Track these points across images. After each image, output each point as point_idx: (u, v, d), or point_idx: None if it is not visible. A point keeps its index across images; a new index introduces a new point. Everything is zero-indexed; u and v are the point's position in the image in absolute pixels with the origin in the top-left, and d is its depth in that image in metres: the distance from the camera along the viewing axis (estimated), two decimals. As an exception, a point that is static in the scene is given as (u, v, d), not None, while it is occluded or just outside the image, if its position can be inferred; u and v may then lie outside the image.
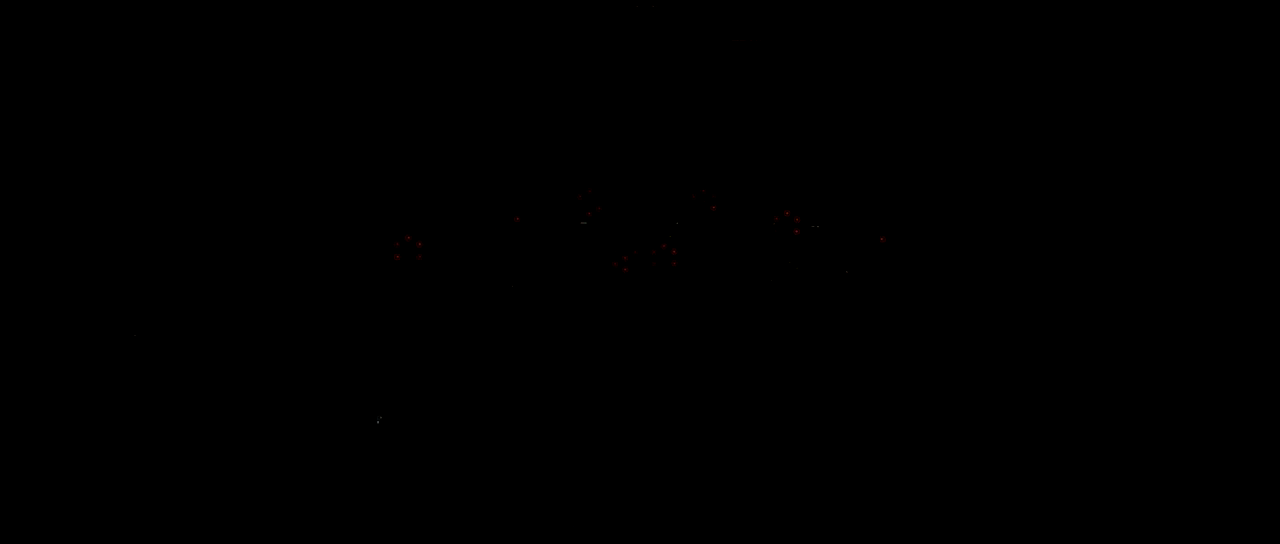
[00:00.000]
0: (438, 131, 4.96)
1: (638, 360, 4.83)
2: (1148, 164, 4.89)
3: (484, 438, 4.74)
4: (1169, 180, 4.88)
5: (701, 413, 4.79)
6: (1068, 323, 4.81)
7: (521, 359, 4.83)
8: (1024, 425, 4.73)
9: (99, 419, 4.66)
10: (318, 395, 4.74)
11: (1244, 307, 4.78)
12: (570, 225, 4.93)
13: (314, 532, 4.59)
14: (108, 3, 4.86)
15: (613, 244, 4.90)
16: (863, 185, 4.96)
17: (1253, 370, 4.73)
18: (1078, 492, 4.64)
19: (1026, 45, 4.94)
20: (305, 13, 4.92)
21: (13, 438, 4.61)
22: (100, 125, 4.85)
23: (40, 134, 4.83)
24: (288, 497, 4.62)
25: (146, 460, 4.63)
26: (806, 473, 4.71)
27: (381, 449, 4.70)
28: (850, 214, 4.94)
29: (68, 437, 4.63)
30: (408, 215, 4.89)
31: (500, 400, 4.79)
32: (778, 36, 4.99)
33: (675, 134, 4.99)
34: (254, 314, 4.78)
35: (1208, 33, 4.89)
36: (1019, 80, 4.94)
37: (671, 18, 4.97)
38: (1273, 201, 4.82)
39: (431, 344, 4.81)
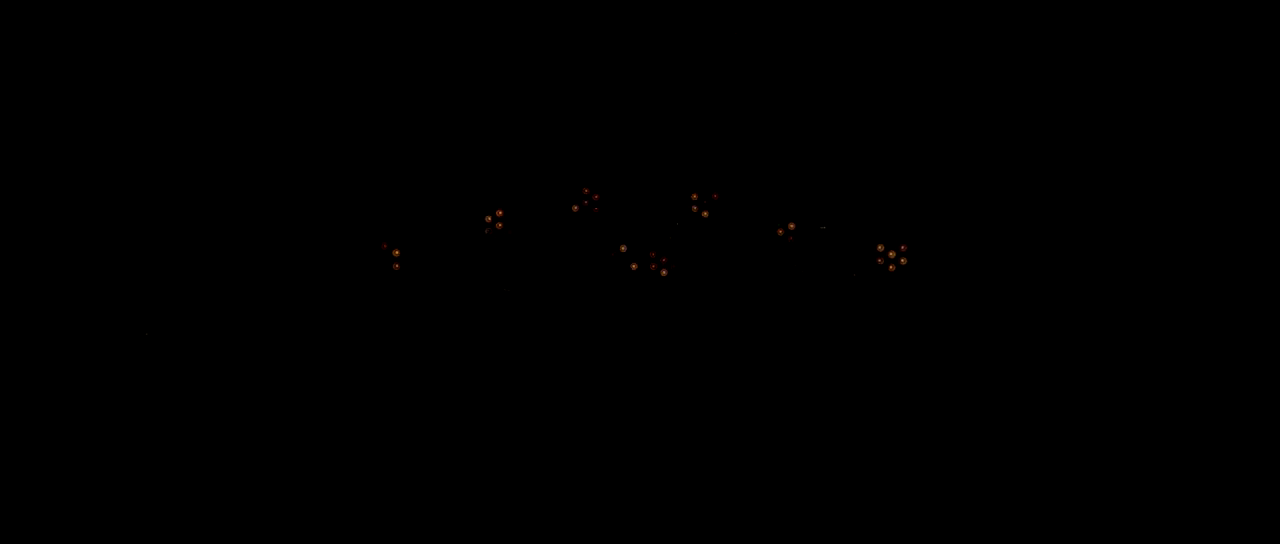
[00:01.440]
0: (435, 131, 4.96)
1: (636, 362, 4.83)
2: (1148, 164, 4.88)
3: (480, 440, 4.74)
4: (1170, 181, 4.87)
5: (701, 415, 4.78)
6: (1070, 325, 4.80)
7: (517, 361, 4.82)
8: (1025, 427, 4.72)
9: (99, 417, 4.67)
10: (314, 396, 4.75)
11: (1244, 306, 4.77)
12: (567, 226, 4.93)
13: (313, 531, 4.60)
14: (107, 3, 4.88)
15: (610, 245, 4.89)
16: (866, 188, 4.95)
17: (1253, 370, 4.72)
18: (1078, 491, 4.64)
19: (1026, 45, 4.94)
20: (303, 13, 4.93)
21: (14, 438, 4.62)
22: (100, 125, 4.87)
23: (40, 134, 4.85)
24: (286, 496, 4.63)
25: (146, 459, 4.64)
26: (806, 475, 4.71)
27: (376, 453, 4.70)
28: (855, 218, 4.93)
29: (69, 435, 4.64)
30: (403, 216, 4.89)
31: (496, 402, 4.79)
32: (777, 36, 4.99)
33: (675, 134, 4.99)
34: (253, 314, 4.79)
35: (1208, 33, 4.89)
36: (1019, 80, 4.94)
37: (671, 17, 4.97)
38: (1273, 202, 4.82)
39: (426, 346, 4.81)
